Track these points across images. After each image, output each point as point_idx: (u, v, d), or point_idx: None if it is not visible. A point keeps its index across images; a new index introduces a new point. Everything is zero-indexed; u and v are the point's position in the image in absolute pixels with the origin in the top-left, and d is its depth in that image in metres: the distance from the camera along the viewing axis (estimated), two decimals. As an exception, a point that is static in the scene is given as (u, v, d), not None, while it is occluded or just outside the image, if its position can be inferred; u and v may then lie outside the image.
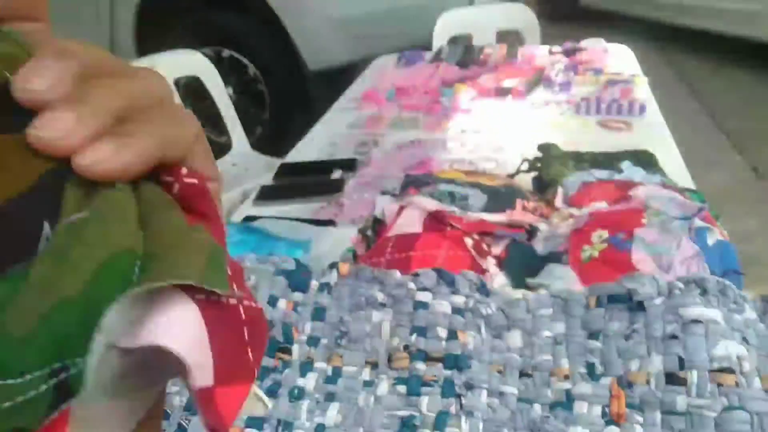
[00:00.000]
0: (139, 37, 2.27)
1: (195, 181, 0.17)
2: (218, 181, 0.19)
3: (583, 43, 1.39)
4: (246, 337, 0.16)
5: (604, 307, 0.46)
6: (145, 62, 1.51)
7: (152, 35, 2.20)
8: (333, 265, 0.55)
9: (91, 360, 0.13)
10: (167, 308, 0.14)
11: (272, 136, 2.24)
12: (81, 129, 0.14)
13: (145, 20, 2.22)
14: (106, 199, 0.15)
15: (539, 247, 0.65)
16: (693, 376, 0.41)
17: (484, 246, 0.65)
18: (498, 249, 0.65)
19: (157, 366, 0.15)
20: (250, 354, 0.16)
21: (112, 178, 0.15)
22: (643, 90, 1.18)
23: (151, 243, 0.15)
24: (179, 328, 0.14)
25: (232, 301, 0.16)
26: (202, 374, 0.14)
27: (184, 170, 0.17)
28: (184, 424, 0.44)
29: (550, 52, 1.40)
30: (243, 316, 0.16)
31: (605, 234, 0.61)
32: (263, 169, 1.61)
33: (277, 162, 1.60)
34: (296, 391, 0.48)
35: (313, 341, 0.52)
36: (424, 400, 0.45)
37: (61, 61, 0.15)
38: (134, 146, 0.15)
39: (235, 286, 0.16)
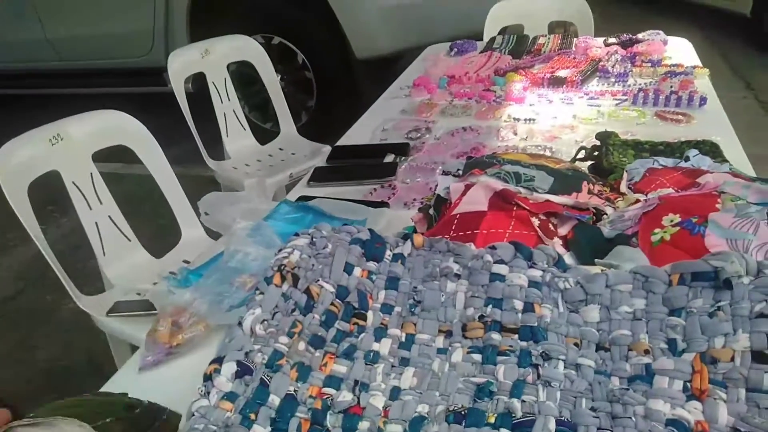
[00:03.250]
0: (192, 23, 2.32)
1: None
2: None
3: (641, 35, 1.36)
4: None
5: (687, 284, 0.45)
6: (199, 47, 1.54)
7: (205, 22, 2.25)
8: (406, 237, 0.56)
9: None
10: None
11: (317, 123, 2.27)
12: None
13: (198, 7, 2.27)
14: None
15: (605, 229, 0.65)
16: (782, 355, 0.40)
17: (551, 226, 0.65)
18: (564, 230, 0.65)
19: None
20: None
21: None
22: (703, 82, 1.16)
23: None
24: None
25: None
26: None
27: None
28: (266, 380, 0.46)
29: (606, 44, 1.38)
30: None
31: (677, 218, 0.60)
32: (309, 154, 1.63)
33: (322, 147, 1.62)
34: (372, 355, 0.49)
35: (386, 309, 0.53)
36: (501, 369, 0.46)
37: None
38: None
39: None
